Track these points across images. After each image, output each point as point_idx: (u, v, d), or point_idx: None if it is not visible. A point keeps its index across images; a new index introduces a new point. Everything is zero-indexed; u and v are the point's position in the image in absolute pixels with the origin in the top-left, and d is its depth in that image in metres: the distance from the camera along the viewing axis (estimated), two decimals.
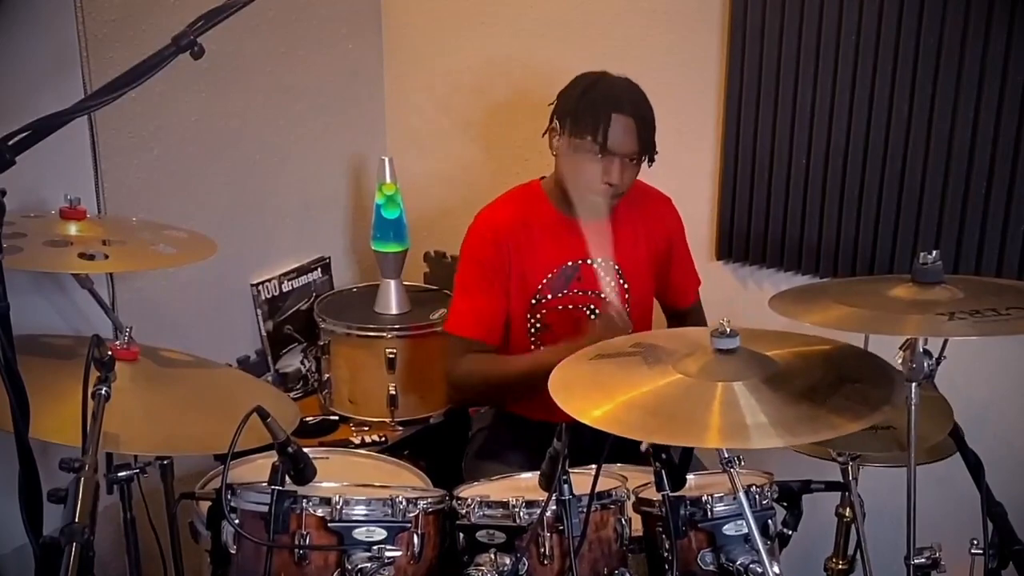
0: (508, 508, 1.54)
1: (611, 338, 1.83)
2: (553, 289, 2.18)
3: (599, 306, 2.18)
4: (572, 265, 2.18)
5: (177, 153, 2.35)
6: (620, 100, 2.07)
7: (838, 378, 1.52)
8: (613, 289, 2.19)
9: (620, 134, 2.04)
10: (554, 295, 2.18)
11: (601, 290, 2.19)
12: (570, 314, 2.19)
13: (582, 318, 2.18)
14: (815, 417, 1.40)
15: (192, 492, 1.64)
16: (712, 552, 1.57)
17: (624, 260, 2.21)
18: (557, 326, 2.19)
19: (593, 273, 2.19)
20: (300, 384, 2.70)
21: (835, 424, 1.38)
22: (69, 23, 2.06)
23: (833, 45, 2.24)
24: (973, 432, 1.81)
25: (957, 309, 1.55)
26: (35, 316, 2.06)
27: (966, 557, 1.67)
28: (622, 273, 2.21)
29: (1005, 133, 2.10)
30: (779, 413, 1.40)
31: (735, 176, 2.46)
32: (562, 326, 2.19)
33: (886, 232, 2.27)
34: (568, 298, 2.19)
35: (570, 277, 2.18)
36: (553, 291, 2.18)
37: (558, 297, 2.18)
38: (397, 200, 2.61)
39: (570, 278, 2.19)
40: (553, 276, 2.18)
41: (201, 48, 1.47)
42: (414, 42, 2.90)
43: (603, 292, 2.18)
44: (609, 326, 1.98)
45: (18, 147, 1.33)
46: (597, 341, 1.79)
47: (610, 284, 2.19)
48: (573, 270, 2.18)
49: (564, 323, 2.19)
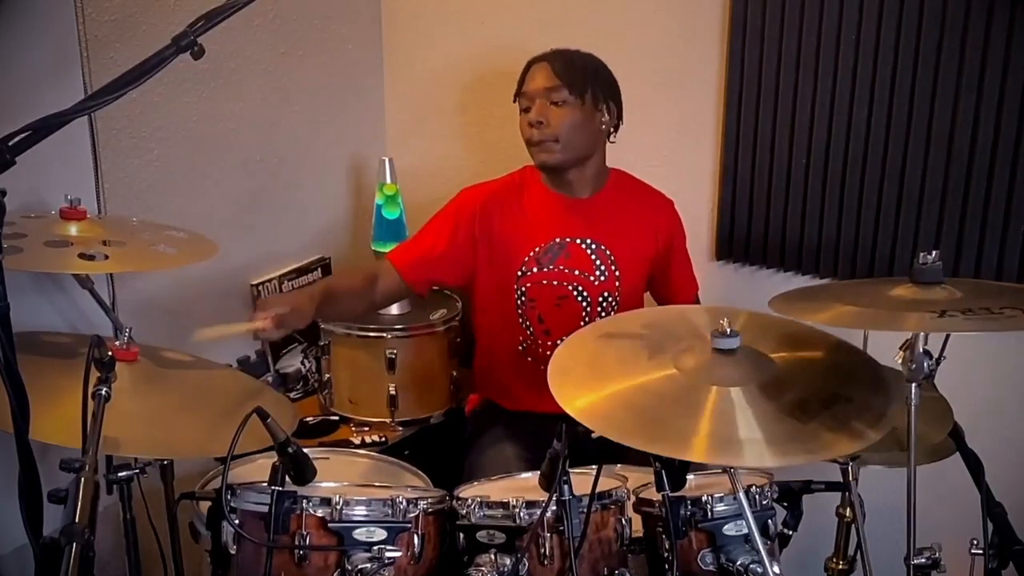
0: (508, 508, 1.55)
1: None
2: (539, 263, 2.22)
3: (586, 286, 2.21)
4: (559, 242, 2.21)
5: (177, 153, 2.35)
6: (542, 54, 2.20)
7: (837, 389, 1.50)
8: (603, 273, 2.22)
9: (534, 76, 2.17)
10: (539, 269, 2.22)
11: (590, 271, 2.21)
12: (554, 290, 2.22)
13: (566, 295, 2.21)
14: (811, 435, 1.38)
15: (192, 492, 1.64)
16: (712, 552, 1.58)
17: (618, 247, 2.23)
18: (540, 300, 2.23)
19: (581, 253, 2.21)
20: (300, 384, 2.70)
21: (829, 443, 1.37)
22: (69, 23, 2.06)
23: (833, 45, 2.24)
24: (973, 432, 1.81)
25: (951, 308, 1.55)
26: (35, 316, 2.06)
27: (966, 557, 1.67)
28: (615, 260, 2.23)
29: (1005, 133, 2.10)
30: (773, 428, 1.38)
31: (735, 176, 2.46)
32: (545, 301, 2.23)
33: (886, 232, 2.27)
34: (553, 274, 2.22)
35: (556, 254, 2.22)
36: (539, 265, 2.22)
37: (543, 272, 2.22)
38: (397, 200, 2.61)
39: (556, 255, 2.22)
40: (540, 250, 2.22)
41: (201, 48, 1.47)
42: (414, 43, 2.90)
43: (592, 274, 2.21)
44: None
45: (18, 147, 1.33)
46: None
47: (599, 267, 2.21)
48: (560, 247, 2.21)
49: (548, 298, 2.23)
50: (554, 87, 2.13)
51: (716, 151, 2.49)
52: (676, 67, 2.50)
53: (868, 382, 1.55)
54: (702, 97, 2.48)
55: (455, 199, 2.28)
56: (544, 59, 2.17)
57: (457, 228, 2.23)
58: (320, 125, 2.76)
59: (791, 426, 1.39)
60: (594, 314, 2.24)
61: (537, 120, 2.13)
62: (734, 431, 1.37)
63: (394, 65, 2.95)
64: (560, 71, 2.13)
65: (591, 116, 2.16)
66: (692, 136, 2.52)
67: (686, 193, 2.42)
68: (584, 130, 2.16)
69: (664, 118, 2.53)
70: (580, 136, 2.15)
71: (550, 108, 2.13)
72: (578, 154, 2.18)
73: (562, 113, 2.13)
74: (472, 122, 2.85)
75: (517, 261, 2.22)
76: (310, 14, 2.67)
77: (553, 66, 2.14)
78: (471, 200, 2.26)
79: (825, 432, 1.38)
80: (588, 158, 2.20)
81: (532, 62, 2.20)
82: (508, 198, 2.25)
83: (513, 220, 2.23)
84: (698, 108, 2.49)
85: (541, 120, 2.13)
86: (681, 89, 2.50)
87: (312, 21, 2.68)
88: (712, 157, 2.50)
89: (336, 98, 2.81)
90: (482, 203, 2.24)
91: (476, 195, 2.27)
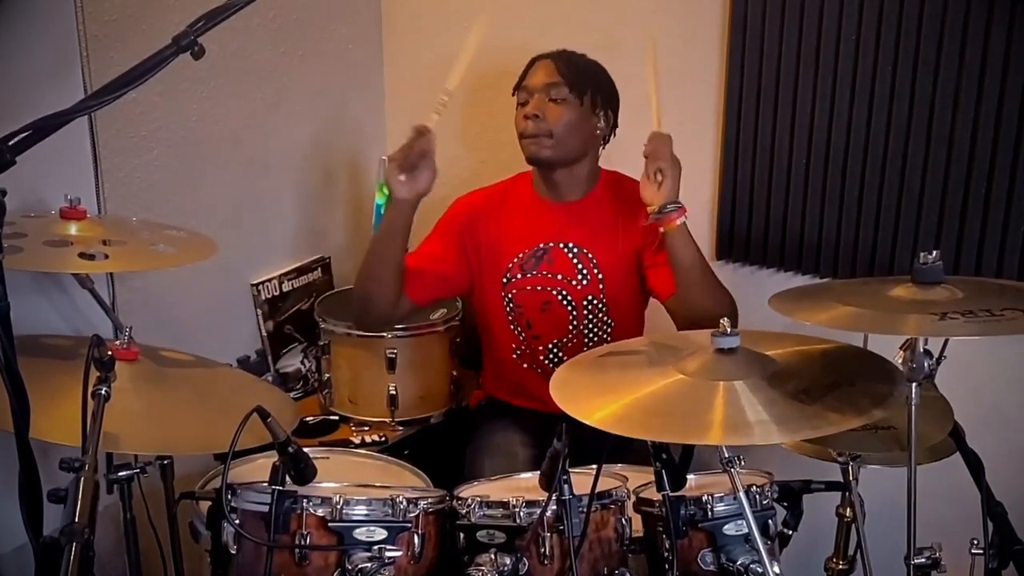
0: (508, 508, 1.54)
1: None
2: (523, 269, 2.23)
3: (569, 291, 2.21)
4: (543, 247, 2.22)
5: (177, 153, 2.35)
6: (547, 53, 2.20)
7: (838, 376, 1.51)
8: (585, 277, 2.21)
9: (536, 72, 2.17)
10: (523, 275, 2.23)
11: (572, 275, 2.21)
12: (538, 295, 2.23)
13: (550, 300, 2.22)
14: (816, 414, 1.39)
15: (192, 492, 1.64)
16: (712, 552, 1.58)
17: (599, 250, 2.22)
18: (527, 306, 2.24)
19: (564, 257, 2.22)
20: (300, 384, 2.70)
21: (835, 420, 1.38)
22: (69, 23, 2.06)
23: (833, 45, 2.24)
24: (973, 432, 1.81)
25: (951, 309, 1.55)
26: (35, 316, 2.06)
27: (966, 557, 1.67)
28: (597, 263, 2.22)
29: (1005, 133, 2.10)
30: (782, 410, 1.40)
31: (735, 176, 2.46)
32: (531, 306, 2.24)
33: (886, 232, 2.27)
34: (536, 279, 2.23)
35: (540, 259, 2.23)
36: (523, 271, 2.23)
37: (527, 277, 2.23)
38: None
39: (540, 260, 2.23)
40: (524, 256, 2.23)
41: (201, 48, 1.46)
42: (414, 43, 2.90)
43: (574, 278, 2.21)
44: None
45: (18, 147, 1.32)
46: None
47: (581, 271, 2.21)
48: (543, 252, 2.23)
49: (533, 303, 2.24)
50: (555, 83, 2.13)
51: (716, 151, 2.49)
52: (676, 67, 2.50)
53: (870, 370, 1.55)
54: (702, 97, 2.48)
55: (448, 211, 2.31)
56: (549, 57, 2.19)
57: (447, 240, 2.25)
58: (320, 125, 2.76)
59: (797, 408, 1.40)
60: (580, 318, 2.23)
61: (534, 113, 2.13)
62: (744, 416, 1.38)
63: (394, 65, 2.95)
64: (563, 69, 2.15)
65: (587, 118, 2.17)
66: (692, 136, 2.51)
67: (686, 193, 2.41)
68: (579, 130, 2.16)
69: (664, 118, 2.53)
70: (574, 136, 2.15)
71: (548, 104, 2.14)
72: (569, 153, 2.17)
73: (559, 110, 2.13)
74: (472, 122, 2.85)
75: (503, 267, 2.24)
76: (310, 14, 2.67)
77: (557, 64, 2.16)
78: (461, 211, 2.28)
79: (830, 412, 1.39)
80: (578, 160, 2.20)
81: (536, 58, 2.21)
82: (495, 205, 2.27)
83: (499, 227, 2.24)
84: (698, 108, 2.49)
85: (538, 114, 2.13)
86: (681, 89, 2.50)
87: (312, 21, 2.68)
88: (712, 157, 2.50)
89: (336, 98, 2.81)
90: (471, 213, 2.26)
91: (465, 205, 2.29)
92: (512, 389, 2.35)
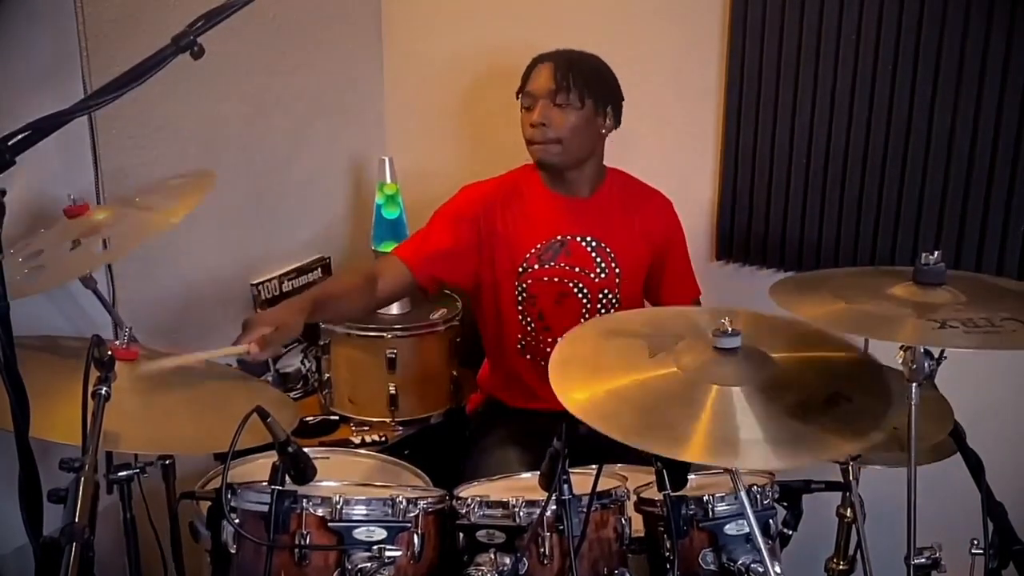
0: (508, 508, 1.54)
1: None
2: (540, 260, 2.23)
3: (587, 283, 2.22)
4: (560, 239, 2.23)
5: (177, 153, 2.35)
6: (548, 53, 2.19)
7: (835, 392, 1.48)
8: (603, 270, 2.23)
9: (539, 76, 2.17)
10: (540, 266, 2.23)
11: (590, 268, 2.22)
12: (555, 287, 2.24)
13: (567, 292, 2.23)
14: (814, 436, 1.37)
15: (192, 492, 1.64)
16: (713, 552, 1.58)
17: (619, 245, 2.25)
18: (541, 297, 2.24)
19: (582, 250, 2.23)
20: (300, 384, 2.70)
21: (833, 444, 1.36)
22: (69, 23, 2.06)
23: (833, 45, 2.24)
24: (973, 432, 1.81)
25: (951, 316, 1.54)
26: (36, 316, 2.05)
27: (966, 557, 1.67)
28: (615, 257, 2.24)
29: (1005, 133, 2.10)
30: (775, 429, 1.37)
31: (735, 176, 2.46)
32: (545, 297, 2.24)
33: (886, 232, 2.27)
34: (553, 270, 2.23)
35: (557, 251, 2.23)
36: (540, 262, 2.23)
37: (544, 268, 2.23)
38: (397, 200, 2.61)
39: (557, 252, 2.23)
40: (541, 247, 2.23)
41: (201, 48, 1.46)
42: (414, 42, 2.90)
43: (592, 271, 2.22)
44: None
45: (18, 147, 1.32)
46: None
47: (600, 264, 2.23)
48: (560, 244, 2.23)
49: (548, 294, 2.25)
50: (558, 90, 2.13)
51: (716, 151, 2.49)
52: (676, 67, 2.50)
53: (869, 383, 1.54)
54: (702, 97, 2.48)
55: (456, 197, 2.28)
56: (549, 59, 2.18)
57: (461, 227, 2.23)
58: (320, 125, 2.76)
59: (792, 427, 1.38)
60: (594, 311, 2.25)
61: (540, 122, 2.13)
62: (734, 432, 1.36)
63: (394, 65, 2.95)
64: (564, 74, 2.13)
65: (592, 120, 2.17)
66: (692, 136, 2.52)
67: (686, 193, 2.42)
68: (585, 133, 2.16)
69: (664, 118, 2.53)
70: (581, 139, 2.16)
71: (552, 110, 2.13)
72: (578, 156, 2.19)
73: (564, 116, 2.14)
74: (472, 122, 2.85)
75: (518, 258, 2.23)
76: (310, 14, 2.67)
77: (558, 68, 2.14)
78: (473, 198, 2.26)
79: (826, 433, 1.37)
80: (587, 159, 2.21)
81: (537, 60, 2.20)
82: (509, 196, 2.26)
83: (514, 218, 2.24)
84: (698, 108, 2.49)
85: (543, 122, 2.13)
86: (681, 89, 2.50)
87: (312, 21, 2.68)
88: (712, 157, 2.50)
89: (336, 98, 2.81)
90: (485, 202, 2.24)
91: (478, 193, 2.27)
92: (510, 383, 2.35)
